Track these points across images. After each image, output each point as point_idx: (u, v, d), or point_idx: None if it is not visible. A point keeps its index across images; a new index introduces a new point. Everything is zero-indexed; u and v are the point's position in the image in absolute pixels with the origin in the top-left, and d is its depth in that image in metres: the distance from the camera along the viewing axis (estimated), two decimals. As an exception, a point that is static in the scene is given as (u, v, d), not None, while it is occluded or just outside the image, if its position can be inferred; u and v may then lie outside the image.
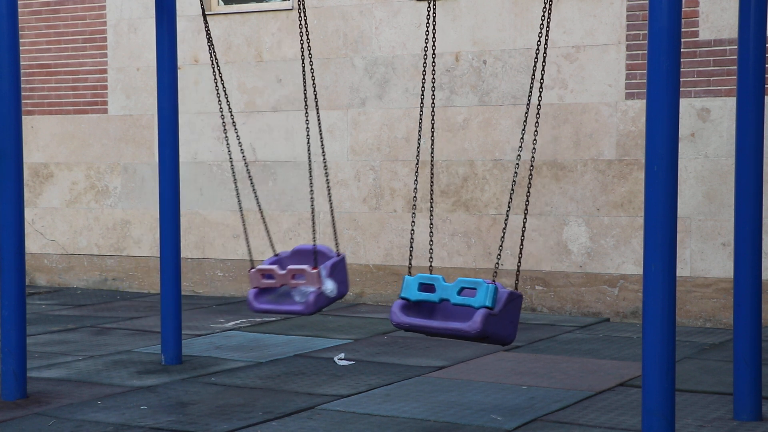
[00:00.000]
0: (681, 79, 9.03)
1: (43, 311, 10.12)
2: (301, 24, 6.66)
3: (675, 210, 4.70)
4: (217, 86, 7.24)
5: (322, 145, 7.08)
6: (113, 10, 11.50)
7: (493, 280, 5.49)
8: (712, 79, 9.07)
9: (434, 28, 6.01)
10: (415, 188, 6.06)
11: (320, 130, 7.20)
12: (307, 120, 7.10)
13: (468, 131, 9.99)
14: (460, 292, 5.52)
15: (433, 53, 5.95)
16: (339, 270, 6.88)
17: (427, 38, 6.06)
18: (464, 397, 6.44)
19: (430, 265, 5.98)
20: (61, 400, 6.36)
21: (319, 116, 7.26)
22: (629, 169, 9.41)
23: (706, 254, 9.16)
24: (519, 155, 5.95)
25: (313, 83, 7.15)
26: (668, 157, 4.66)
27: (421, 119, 6.01)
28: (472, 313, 5.51)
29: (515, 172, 5.80)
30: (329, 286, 6.76)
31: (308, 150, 7.00)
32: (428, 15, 6.00)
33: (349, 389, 6.66)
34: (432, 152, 5.88)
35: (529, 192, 5.79)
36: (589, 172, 9.56)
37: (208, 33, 7.04)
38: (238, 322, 9.41)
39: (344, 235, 10.54)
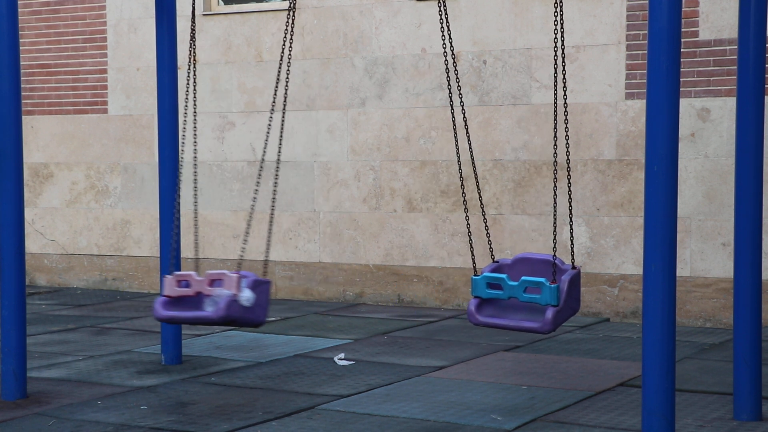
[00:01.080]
0: (681, 79, 9.03)
1: (43, 311, 10.12)
2: (287, 23, 6.61)
3: (675, 210, 4.70)
4: (187, 90, 7.05)
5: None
6: (113, 10, 11.50)
7: (554, 255, 5.82)
8: (712, 79, 9.07)
9: (449, 28, 6.03)
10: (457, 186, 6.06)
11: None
12: (270, 124, 7.02)
13: (467, 131, 9.97)
14: (525, 290, 5.82)
15: (453, 52, 5.95)
16: (261, 292, 6.28)
17: (443, 36, 6.13)
18: (464, 397, 6.44)
19: (492, 256, 6.18)
20: (61, 400, 6.36)
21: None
22: (629, 169, 9.42)
23: (706, 254, 9.16)
24: (557, 152, 5.96)
25: (287, 85, 7.11)
26: (668, 157, 4.66)
27: (453, 117, 6.03)
28: (541, 310, 5.92)
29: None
30: (246, 294, 6.17)
31: (269, 152, 6.94)
32: (440, 14, 6.11)
33: (349, 389, 6.66)
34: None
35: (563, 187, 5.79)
36: (589, 172, 9.56)
37: (192, 33, 6.98)
38: (238, 322, 9.40)
39: (344, 235, 10.54)
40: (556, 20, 5.79)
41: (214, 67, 11.03)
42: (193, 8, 6.91)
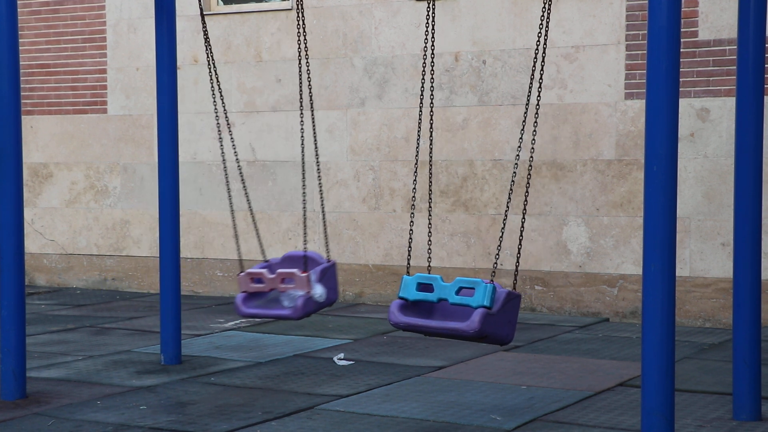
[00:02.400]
0: (680, 79, 9.02)
1: (43, 311, 10.12)
2: (299, 24, 6.65)
3: (674, 210, 4.70)
4: (212, 87, 7.23)
5: (316, 146, 7.10)
6: (113, 9, 11.50)
7: (491, 280, 5.50)
8: (711, 79, 9.07)
9: (433, 28, 6.01)
10: (414, 188, 6.06)
11: (314, 131, 7.21)
12: (302, 121, 7.10)
13: (467, 131, 9.99)
14: (458, 291, 5.55)
15: (432, 53, 5.95)
16: (329, 276, 6.87)
17: (426, 38, 6.06)
18: (463, 397, 6.44)
19: (429, 265, 5.99)
20: (60, 400, 6.36)
21: (313, 117, 7.24)
22: (629, 169, 9.42)
23: (705, 254, 9.16)
24: (518, 155, 5.95)
25: (309, 84, 7.15)
26: (668, 157, 4.66)
27: (420, 119, 6.01)
28: (471, 313, 5.53)
29: (514, 172, 5.79)
30: (318, 291, 6.75)
31: (302, 151, 6.99)
32: (428, 15, 6.02)
33: (348, 389, 6.66)
34: (431, 152, 5.89)
35: (527, 192, 5.78)
36: (588, 172, 9.56)
37: (205, 34, 7.03)
38: (238, 322, 9.41)
39: (344, 235, 10.54)
40: (542, 16, 5.72)
41: (214, 67, 11.02)
42: (201, 7, 6.92)
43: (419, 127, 6.02)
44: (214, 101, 7.35)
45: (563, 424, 5.78)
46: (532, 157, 5.73)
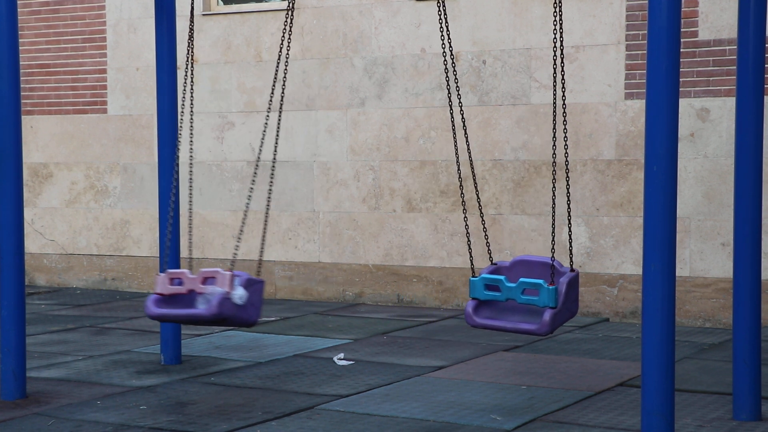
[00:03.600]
0: (680, 79, 9.02)
1: (43, 311, 10.12)
2: (286, 22, 6.59)
3: (674, 210, 4.70)
4: (185, 88, 7.05)
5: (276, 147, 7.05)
6: (113, 9, 11.50)
7: (552, 257, 5.80)
8: (711, 79, 9.07)
9: (447, 28, 6.02)
10: (465, 185, 6.06)
11: (278, 128, 7.17)
12: (266, 123, 7.05)
13: (467, 131, 9.98)
14: (523, 291, 5.81)
15: (451, 51, 5.95)
16: (254, 291, 6.20)
17: (442, 36, 6.12)
18: (464, 397, 6.44)
19: (491, 259, 6.14)
20: (60, 400, 6.36)
21: (280, 118, 7.13)
22: (629, 169, 9.42)
23: (705, 254, 9.16)
24: (554, 152, 5.96)
25: (283, 86, 7.09)
26: (668, 157, 4.66)
27: (452, 116, 6.02)
28: (539, 312, 5.91)
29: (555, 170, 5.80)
30: (239, 293, 6.09)
31: (260, 152, 6.89)
32: (439, 15, 6.11)
33: (348, 389, 6.66)
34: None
35: (568, 192, 5.79)
36: (588, 172, 9.56)
37: (191, 34, 6.96)
38: (238, 322, 9.40)
39: (344, 235, 10.54)
40: (555, 20, 5.78)
41: (214, 67, 11.03)
42: (192, 8, 6.91)
43: (452, 123, 6.04)
44: (191, 104, 7.31)
45: (563, 424, 5.78)
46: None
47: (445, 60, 6.07)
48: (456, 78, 6.24)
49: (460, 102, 5.94)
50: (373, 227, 10.43)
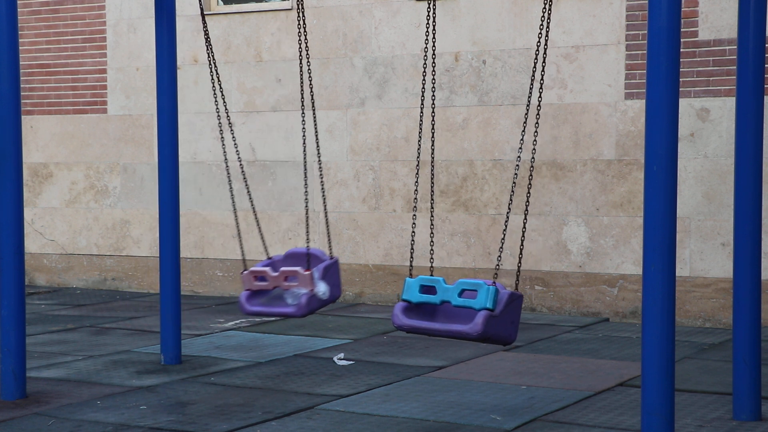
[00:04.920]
0: (680, 79, 9.03)
1: (43, 311, 10.12)
2: (299, 24, 6.65)
3: (674, 210, 4.70)
4: (214, 87, 7.24)
5: (318, 146, 7.06)
6: (113, 9, 11.50)
7: (494, 282, 5.52)
8: (711, 79, 9.07)
9: (434, 28, 6.01)
10: (416, 189, 6.06)
11: (316, 131, 7.17)
12: (303, 120, 7.10)
13: (467, 131, 9.99)
14: (461, 293, 5.56)
15: (434, 53, 5.95)
16: (332, 273, 6.85)
17: (427, 38, 6.05)
18: (463, 397, 6.44)
19: (431, 267, 5.99)
20: (60, 400, 6.36)
21: (315, 117, 7.21)
22: (629, 169, 9.42)
23: (705, 254, 9.16)
24: (519, 156, 5.95)
25: (311, 84, 7.13)
26: (668, 157, 4.66)
27: (421, 119, 6.01)
28: (473, 315, 5.56)
29: (515, 173, 5.79)
30: (321, 288, 6.73)
31: (304, 150, 6.94)
32: (428, 15, 6.02)
33: (348, 389, 6.66)
34: (432, 152, 5.88)
35: (529, 192, 5.78)
36: (588, 172, 9.56)
37: (206, 33, 7.02)
38: (238, 322, 9.41)
39: (344, 235, 10.54)
40: (542, 20, 5.72)
41: (214, 67, 11.03)
42: (201, 7, 6.91)
43: (420, 127, 6.01)
44: (216, 100, 7.34)
45: (563, 424, 5.78)
46: (533, 158, 5.73)
47: (425, 63, 6.06)
48: (434, 79, 6.10)
49: (433, 102, 5.86)
50: (373, 227, 10.43)
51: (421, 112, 5.87)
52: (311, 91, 7.03)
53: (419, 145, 5.93)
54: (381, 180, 10.37)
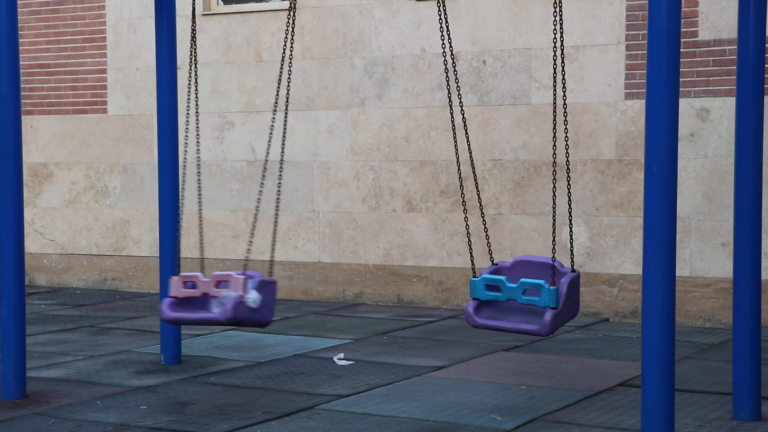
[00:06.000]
0: (680, 79, 9.03)
1: (43, 311, 10.12)
2: (288, 23, 6.60)
3: (674, 210, 4.70)
4: (189, 90, 7.09)
5: (284, 147, 7.05)
6: (113, 9, 11.50)
7: (553, 258, 5.80)
8: (711, 79, 9.07)
9: (448, 29, 6.01)
10: (461, 186, 6.07)
11: (284, 130, 7.16)
12: (274, 119, 7.05)
13: (468, 131, 9.98)
14: (524, 292, 5.81)
15: (452, 52, 5.95)
16: (267, 292, 6.34)
17: (442, 35, 6.12)
18: (463, 397, 6.44)
19: (492, 259, 6.16)
20: (60, 400, 6.36)
21: (285, 117, 7.11)
22: (629, 169, 9.42)
23: (705, 254, 9.16)
24: (554, 153, 5.96)
25: (288, 85, 7.05)
26: (668, 157, 4.66)
27: (452, 117, 6.01)
28: (538, 311, 5.92)
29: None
30: (253, 296, 6.23)
31: (268, 151, 6.87)
32: (439, 15, 6.10)
33: (348, 389, 6.66)
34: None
35: (569, 191, 5.79)
36: (588, 172, 9.56)
37: (193, 34, 6.96)
38: (238, 322, 9.40)
39: (344, 235, 10.54)
40: (555, 20, 5.77)
41: (214, 67, 11.03)
42: (194, 9, 6.91)
43: (453, 124, 6.04)
44: (190, 104, 7.32)
45: (563, 424, 5.78)
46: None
47: (445, 60, 6.07)
48: (456, 78, 6.24)
49: (460, 102, 5.93)
50: (373, 227, 10.43)
51: (451, 110, 5.88)
52: (288, 93, 6.80)
53: (454, 141, 5.93)
54: (381, 180, 10.38)
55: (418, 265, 10.17)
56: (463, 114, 6.11)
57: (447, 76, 6.15)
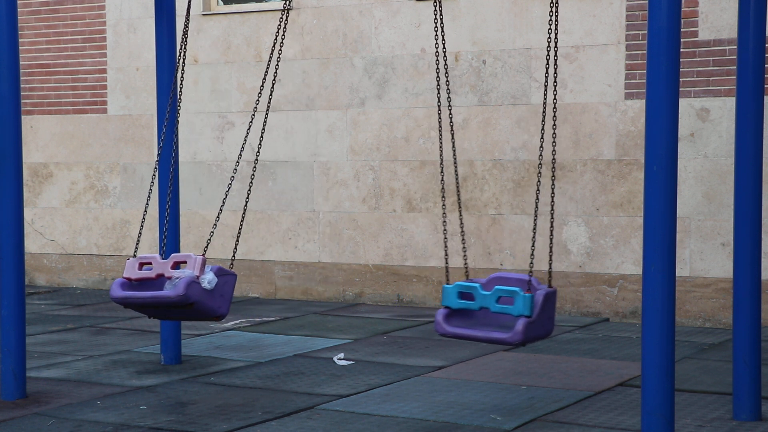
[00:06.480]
0: (680, 79, 9.03)
1: (43, 311, 10.12)
2: (280, 23, 6.58)
3: (674, 210, 4.70)
4: (173, 88, 7.04)
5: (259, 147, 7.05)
6: (113, 9, 11.50)
7: (530, 276, 5.64)
8: (711, 79, 9.07)
9: (443, 30, 6.01)
10: (443, 189, 6.05)
11: (263, 129, 7.16)
12: (252, 118, 6.99)
13: (467, 131, 9.99)
14: (498, 300, 5.66)
15: (444, 52, 5.95)
16: (225, 283, 6.07)
17: (436, 36, 6.08)
18: (464, 396, 6.44)
19: (466, 272, 6.10)
20: (60, 400, 6.36)
21: (266, 118, 7.06)
22: (629, 169, 9.42)
23: (705, 254, 9.16)
24: (541, 155, 5.96)
25: (272, 88, 7.01)
26: (668, 157, 4.66)
27: (440, 118, 6.01)
28: (511, 320, 5.74)
29: (540, 170, 5.79)
30: (208, 277, 5.93)
31: (240, 150, 6.86)
32: (435, 15, 6.05)
33: (348, 389, 6.66)
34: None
35: (553, 192, 5.79)
36: (588, 172, 9.56)
37: (185, 33, 6.94)
38: (238, 321, 9.41)
39: (344, 235, 10.54)
40: (550, 21, 5.75)
41: (214, 67, 11.03)
42: (189, 8, 6.90)
43: (440, 125, 6.03)
44: (171, 101, 7.26)
45: (563, 424, 5.78)
46: (550, 156, 5.74)
47: (437, 61, 6.06)
48: (447, 80, 6.14)
49: (449, 101, 5.87)
50: (373, 227, 10.43)
51: (439, 111, 5.87)
52: (271, 93, 6.77)
53: (440, 142, 5.92)
54: (381, 180, 10.38)
55: (418, 265, 10.17)
56: (451, 117, 6.06)
57: (438, 77, 6.10)
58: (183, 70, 6.84)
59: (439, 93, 5.83)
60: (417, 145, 10.18)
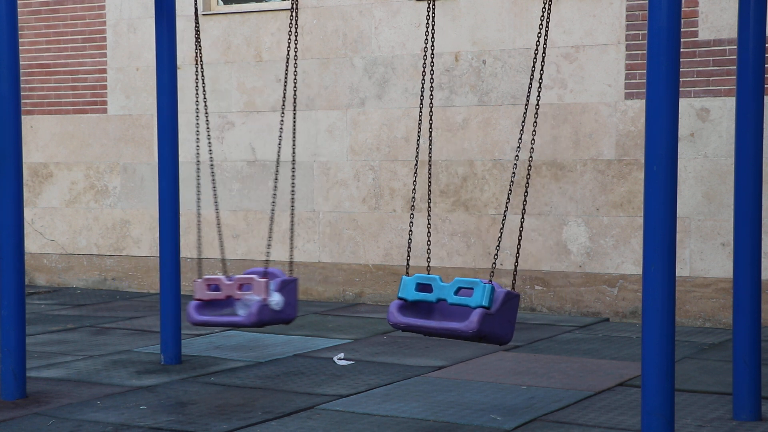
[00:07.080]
0: (680, 79, 9.03)
1: (43, 311, 10.12)
2: (291, 24, 6.61)
3: (674, 210, 4.70)
4: (197, 89, 7.22)
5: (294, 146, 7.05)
6: (113, 9, 11.50)
7: (490, 280, 5.50)
8: (711, 79, 9.07)
9: (433, 28, 6.01)
10: (414, 188, 6.06)
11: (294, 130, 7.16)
12: (282, 120, 7.05)
13: (467, 131, 9.99)
14: (457, 292, 5.53)
15: (432, 53, 5.95)
16: (289, 291, 6.62)
17: (427, 38, 6.04)
18: (463, 396, 6.44)
19: (428, 266, 5.99)
20: (60, 400, 6.36)
21: (295, 116, 7.11)
22: (629, 169, 9.42)
23: (705, 254, 9.16)
24: (517, 155, 5.95)
25: (295, 85, 7.05)
26: (668, 157, 4.66)
27: (420, 119, 6.01)
28: (469, 313, 5.52)
29: (513, 172, 5.78)
30: (275, 298, 6.51)
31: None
32: (428, 15, 6.01)
33: (348, 389, 6.66)
34: (430, 152, 5.87)
35: (527, 192, 5.78)
36: (588, 172, 9.56)
37: (197, 34, 6.97)
38: (238, 322, 9.40)
39: (344, 235, 10.54)
40: (542, 16, 5.72)
41: (214, 67, 11.03)
42: (196, 9, 6.91)
43: (419, 127, 6.01)
44: (202, 103, 7.33)
45: (563, 424, 5.78)
46: (531, 157, 5.74)
47: (424, 64, 6.06)
48: (432, 78, 6.07)
49: (431, 103, 5.83)
50: (373, 227, 10.43)
51: (420, 112, 5.88)
52: (294, 92, 6.85)
53: (418, 143, 5.90)
54: (381, 180, 10.38)
55: (418, 265, 10.17)
56: (431, 116, 5.96)
57: (423, 79, 6.03)
58: (202, 71, 6.95)
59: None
60: (417, 145, 10.16)
